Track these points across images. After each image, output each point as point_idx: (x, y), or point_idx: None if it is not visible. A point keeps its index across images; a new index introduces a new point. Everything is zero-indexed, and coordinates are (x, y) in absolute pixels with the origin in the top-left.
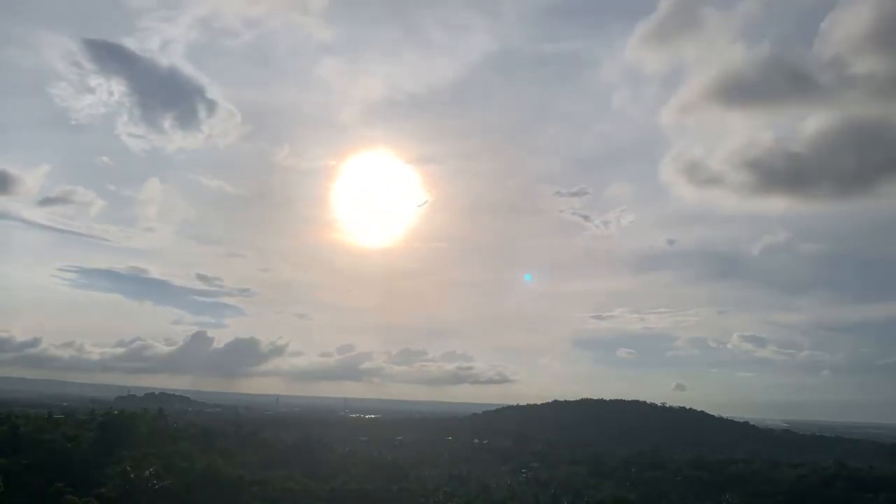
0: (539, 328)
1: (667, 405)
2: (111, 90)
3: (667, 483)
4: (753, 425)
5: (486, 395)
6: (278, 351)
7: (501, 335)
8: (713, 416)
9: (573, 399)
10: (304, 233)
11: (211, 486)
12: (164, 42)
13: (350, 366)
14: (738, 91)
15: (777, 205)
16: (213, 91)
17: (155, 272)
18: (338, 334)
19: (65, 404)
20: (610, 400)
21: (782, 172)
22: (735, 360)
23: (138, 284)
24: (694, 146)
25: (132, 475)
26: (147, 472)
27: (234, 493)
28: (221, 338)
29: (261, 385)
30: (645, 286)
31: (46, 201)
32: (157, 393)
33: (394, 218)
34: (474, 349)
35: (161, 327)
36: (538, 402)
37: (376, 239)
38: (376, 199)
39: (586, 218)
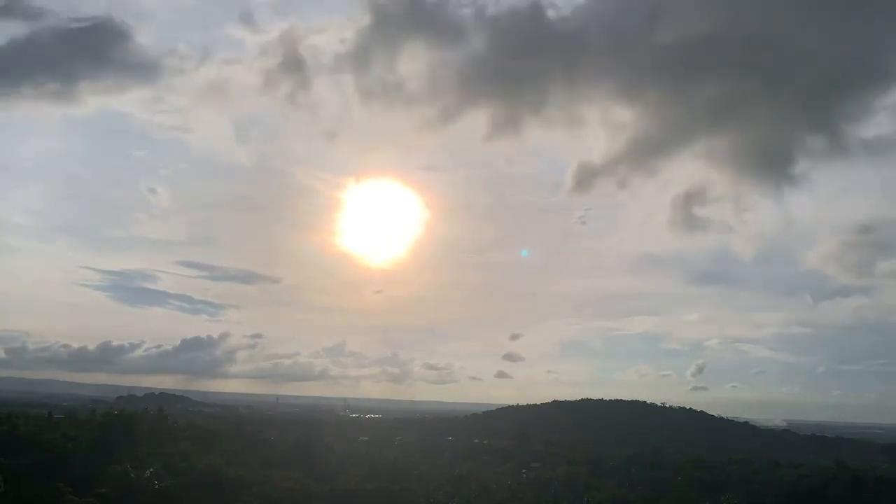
0: (534, 327)
1: (667, 405)
2: None
3: (667, 483)
4: (753, 425)
5: (476, 396)
6: (279, 353)
7: (494, 335)
8: (713, 416)
9: (573, 399)
10: (303, 238)
11: (211, 486)
12: None
13: (346, 367)
14: None
15: None
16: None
17: (159, 276)
18: (336, 337)
19: (65, 404)
20: (610, 400)
21: None
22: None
23: (141, 288)
24: None
25: (132, 475)
26: (147, 472)
27: (234, 493)
28: (221, 340)
29: (260, 385)
30: (641, 287)
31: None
32: (157, 393)
33: (388, 224)
34: (466, 350)
35: (162, 329)
36: (538, 402)
37: (373, 243)
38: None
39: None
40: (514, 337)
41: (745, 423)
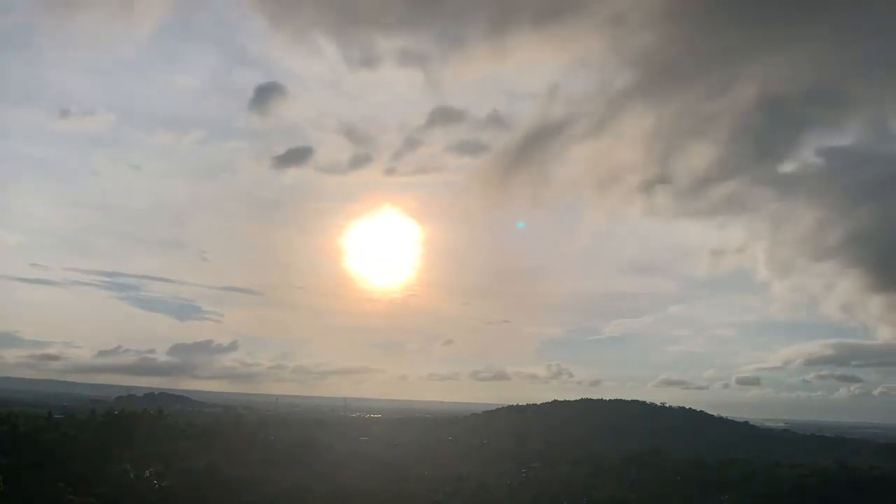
0: (530, 328)
1: (667, 405)
2: None
3: (667, 483)
4: (753, 425)
5: (476, 396)
6: (279, 353)
7: (491, 336)
8: (713, 416)
9: (573, 399)
10: (304, 244)
11: (211, 485)
12: None
13: (345, 367)
14: None
15: None
16: None
17: (161, 279)
18: (336, 337)
19: (65, 404)
20: (610, 400)
21: None
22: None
23: (148, 295)
24: None
25: (132, 475)
26: (147, 472)
27: (234, 492)
28: (221, 341)
29: (259, 385)
30: (638, 289)
31: None
32: (156, 393)
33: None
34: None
35: (164, 332)
36: (538, 402)
37: (369, 247)
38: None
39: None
40: (511, 338)
41: (745, 423)
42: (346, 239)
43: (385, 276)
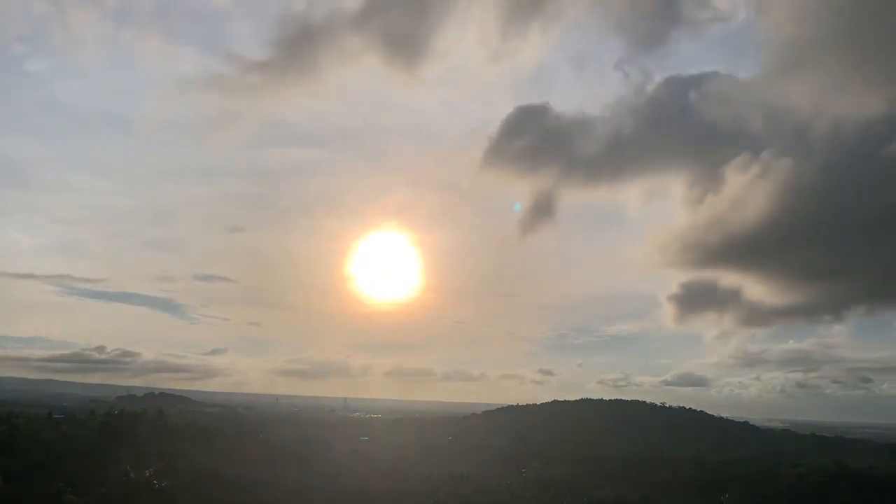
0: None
1: (667, 405)
2: None
3: (667, 483)
4: (753, 425)
5: (476, 396)
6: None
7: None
8: (713, 416)
9: (573, 399)
10: (300, 246)
11: (211, 485)
12: None
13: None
14: None
15: None
16: None
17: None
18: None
19: (65, 404)
20: (610, 400)
21: None
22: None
23: (149, 296)
24: None
25: (132, 475)
26: (147, 472)
27: (234, 493)
28: (221, 342)
29: (259, 385)
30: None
31: None
32: (157, 393)
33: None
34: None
35: (165, 333)
36: (538, 402)
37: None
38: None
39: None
40: (507, 339)
41: (745, 423)
42: (345, 241)
43: (385, 276)
